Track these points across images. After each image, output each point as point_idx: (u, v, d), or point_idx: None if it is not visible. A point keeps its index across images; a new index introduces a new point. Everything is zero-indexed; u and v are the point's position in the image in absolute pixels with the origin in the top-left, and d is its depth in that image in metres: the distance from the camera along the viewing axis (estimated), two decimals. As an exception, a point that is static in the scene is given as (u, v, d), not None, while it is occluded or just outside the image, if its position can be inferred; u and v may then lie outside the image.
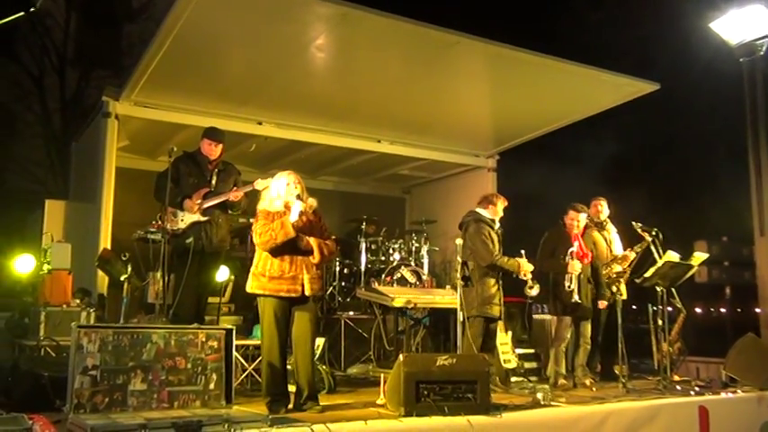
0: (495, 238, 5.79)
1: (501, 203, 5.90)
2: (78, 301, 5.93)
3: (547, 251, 6.31)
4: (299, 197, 4.65)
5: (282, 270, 4.58)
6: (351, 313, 7.49)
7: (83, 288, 6.18)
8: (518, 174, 9.41)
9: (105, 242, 6.57)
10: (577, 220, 6.30)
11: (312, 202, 4.76)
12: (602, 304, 6.39)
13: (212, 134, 5.94)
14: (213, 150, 5.88)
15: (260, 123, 7.66)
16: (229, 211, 5.92)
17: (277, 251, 4.60)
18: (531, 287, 5.69)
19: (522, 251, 5.76)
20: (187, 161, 5.84)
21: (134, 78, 6.54)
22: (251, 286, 4.66)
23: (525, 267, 5.67)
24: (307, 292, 4.60)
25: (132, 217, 6.72)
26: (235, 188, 5.83)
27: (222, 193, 5.78)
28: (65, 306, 5.78)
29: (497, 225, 5.87)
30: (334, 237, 4.97)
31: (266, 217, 4.67)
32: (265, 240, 4.57)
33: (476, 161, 9.20)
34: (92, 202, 6.95)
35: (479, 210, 5.91)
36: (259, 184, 5.66)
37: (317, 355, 5.52)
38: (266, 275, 4.58)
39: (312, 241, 4.65)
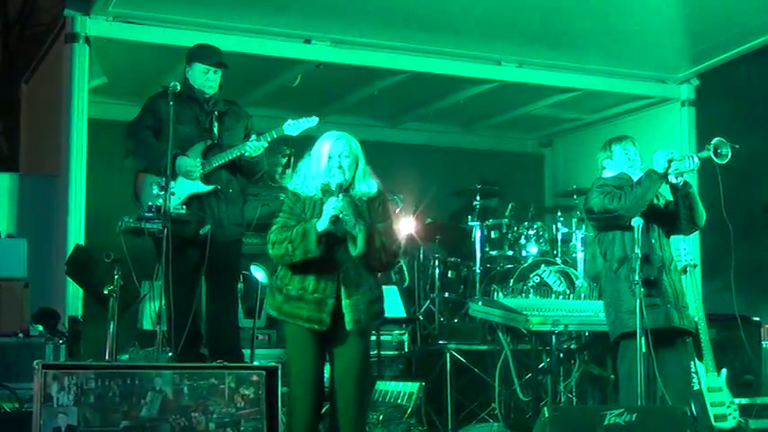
0: None
1: (617, 145, 5.82)
2: (41, 327, 6.15)
3: None
4: (340, 186, 4.54)
5: (303, 287, 4.62)
6: (461, 344, 7.57)
7: (46, 308, 6.39)
8: (733, 110, 9.14)
9: (78, 236, 6.81)
10: None
11: (372, 185, 4.72)
12: None
13: (206, 54, 6.04)
14: (210, 80, 6.03)
15: (308, 42, 7.77)
16: (244, 172, 6.01)
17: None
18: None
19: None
20: (172, 100, 5.69)
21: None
22: (267, 303, 4.91)
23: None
24: (347, 326, 4.57)
25: (117, 195, 6.81)
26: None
27: (233, 147, 5.92)
28: (21, 335, 6.02)
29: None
30: (429, 221, 5.01)
31: (292, 206, 4.70)
32: (280, 254, 4.59)
33: (661, 90, 9.10)
34: (54, 173, 7.22)
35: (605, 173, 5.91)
36: (290, 127, 5.80)
37: (408, 410, 5.64)
38: (283, 292, 4.70)
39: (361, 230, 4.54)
